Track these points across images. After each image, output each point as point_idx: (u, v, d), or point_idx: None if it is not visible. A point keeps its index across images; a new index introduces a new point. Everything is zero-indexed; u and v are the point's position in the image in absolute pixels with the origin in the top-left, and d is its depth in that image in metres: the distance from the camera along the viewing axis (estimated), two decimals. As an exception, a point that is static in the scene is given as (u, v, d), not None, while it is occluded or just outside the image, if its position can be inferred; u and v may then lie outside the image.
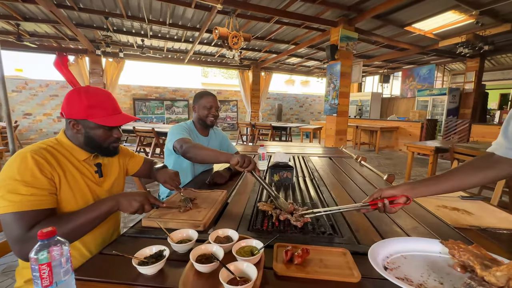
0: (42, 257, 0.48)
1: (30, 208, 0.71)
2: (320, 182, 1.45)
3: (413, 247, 0.74)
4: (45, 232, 0.49)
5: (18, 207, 0.69)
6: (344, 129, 5.00)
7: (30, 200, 0.71)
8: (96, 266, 0.66)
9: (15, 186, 0.71)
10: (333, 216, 0.97)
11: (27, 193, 0.71)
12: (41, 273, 0.47)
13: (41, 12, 4.31)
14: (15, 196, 0.70)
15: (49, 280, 0.48)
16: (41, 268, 0.47)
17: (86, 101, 0.83)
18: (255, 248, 0.68)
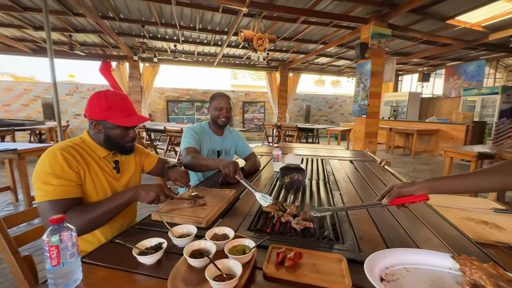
0: (54, 239, 0.55)
1: (60, 196, 0.81)
2: (333, 186, 1.40)
3: (419, 260, 0.68)
4: (55, 219, 0.56)
5: (51, 196, 0.80)
6: (374, 131, 4.73)
7: (60, 190, 0.82)
8: (104, 253, 0.73)
9: (48, 178, 0.82)
10: (339, 221, 0.94)
11: (58, 184, 0.82)
12: (50, 254, 0.54)
13: (89, 23, 4.83)
14: (48, 186, 0.81)
15: (57, 260, 0.55)
16: (50, 249, 0.54)
17: (105, 104, 0.93)
18: (247, 247, 0.69)
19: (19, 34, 5.35)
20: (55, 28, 5.00)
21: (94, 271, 0.65)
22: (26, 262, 0.87)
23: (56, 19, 4.56)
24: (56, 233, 0.56)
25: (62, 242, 0.56)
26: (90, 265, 0.67)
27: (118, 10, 4.29)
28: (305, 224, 0.85)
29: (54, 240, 0.55)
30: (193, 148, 1.50)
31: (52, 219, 0.56)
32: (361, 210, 1.06)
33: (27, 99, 7.22)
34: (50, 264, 0.55)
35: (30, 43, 5.98)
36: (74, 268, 0.58)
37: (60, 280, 0.56)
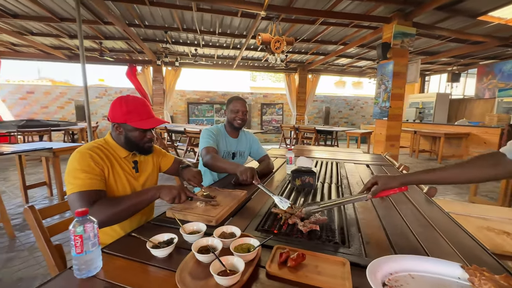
0: (79, 230, 0.62)
1: (87, 188, 0.90)
2: (346, 190, 1.38)
3: (426, 268, 0.67)
4: (80, 211, 0.63)
5: (79, 188, 0.90)
6: (396, 134, 4.54)
7: (87, 182, 0.91)
8: (122, 245, 0.80)
9: (77, 174, 0.92)
10: (347, 225, 0.94)
11: (85, 178, 0.92)
12: (75, 242, 0.61)
13: (117, 31, 5.15)
14: (77, 180, 0.91)
15: (80, 249, 0.62)
16: (75, 238, 0.61)
17: (125, 108, 1.01)
18: (252, 246, 0.72)
19: (57, 42, 5.84)
20: (87, 36, 5.40)
21: (113, 260, 0.72)
22: (56, 250, 0.97)
23: (88, 28, 4.93)
24: (80, 224, 0.63)
25: (85, 232, 0.62)
26: (109, 255, 0.74)
27: (144, 17, 4.54)
28: (311, 226, 0.86)
29: (79, 230, 0.62)
30: (212, 147, 1.56)
31: (77, 211, 0.63)
32: (371, 214, 1.05)
33: (62, 102, 7.83)
34: (75, 252, 0.61)
35: (66, 50, 6.49)
36: (95, 256, 0.65)
37: (83, 266, 0.63)
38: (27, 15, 4.31)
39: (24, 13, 4.23)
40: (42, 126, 5.03)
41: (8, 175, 4.35)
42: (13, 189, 3.57)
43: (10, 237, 2.24)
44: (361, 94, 12.66)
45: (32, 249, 2.07)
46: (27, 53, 6.63)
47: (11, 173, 4.41)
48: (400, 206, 1.16)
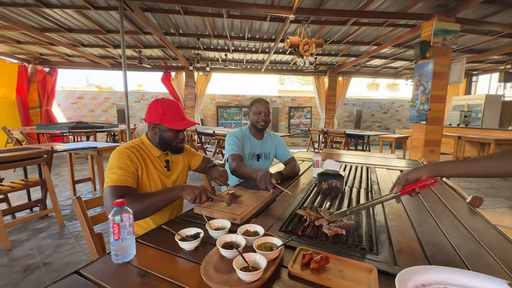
0: (117, 218, 0.69)
1: (121, 183, 0.99)
2: (376, 195, 1.32)
3: (465, 282, 0.61)
4: (119, 202, 0.69)
5: (113, 182, 0.98)
6: (436, 139, 4.19)
7: (121, 178, 0.99)
8: (153, 236, 0.86)
9: (114, 170, 1.01)
10: (376, 232, 0.89)
11: (121, 174, 1.00)
12: (113, 230, 0.67)
13: (155, 40, 5.54)
14: (113, 175, 1.00)
15: (118, 235, 0.68)
16: (113, 226, 0.67)
17: (161, 110, 1.09)
18: (275, 245, 0.72)
19: (103, 52, 6.47)
20: (129, 45, 5.89)
21: (145, 250, 0.77)
22: (98, 238, 1.07)
23: (130, 38, 5.38)
24: (118, 214, 0.69)
25: (122, 221, 0.69)
26: (142, 245, 0.80)
27: (178, 26, 4.82)
28: (337, 230, 0.83)
29: (117, 219, 0.68)
30: (237, 154, 1.62)
31: (116, 202, 0.69)
32: (403, 222, 0.99)
33: (106, 106, 8.61)
34: (112, 238, 0.68)
35: (110, 59, 7.15)
36: (130, 244, 0.71)
37: (119, 252, 0.69)
38: (80, 29, 4.85)
39: (77, 27, 4.77)
40: (88, 128, 5.58)
41: (60, 170, 4.90)
42: (64, 183, 4.01)
43: (60, 225, 2.51)
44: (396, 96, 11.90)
45: (78, 238, 2.30)
46: (78, 62, 7.44)
47: (63, 169, 4.96)
48: (438, 216, 1.07)
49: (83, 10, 3.96)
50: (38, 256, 2.02)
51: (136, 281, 0.63)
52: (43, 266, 1.88)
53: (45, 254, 2.05)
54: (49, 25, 4.65)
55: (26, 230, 2.45)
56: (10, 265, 1.90)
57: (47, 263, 1.92)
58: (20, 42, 5.58)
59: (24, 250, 2.11)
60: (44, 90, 7.24)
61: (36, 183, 2.51)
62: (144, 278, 0.64)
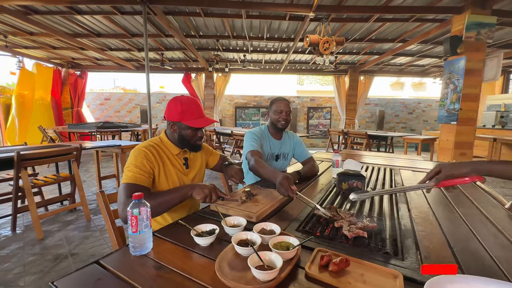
0: (135, 211, 0.70)
1: (134, 182, 0.99)
2: (401, 198, 1.24)
3: (506, 295, 0.55)
4: (137, 195, 0.71)
5: (128, 180, 0.99)
6: (468, 141, 3.90)
7: (136, 176, 1.00)
8: (170, 230, 0.87)
9: (131, 167, 1.03)
10: (402, 235, 0.83)
11: (136, 172, 1.01)
12: (131, 222, 0.69)
13: (176, 42, 5.71)
14: (129, 173, 1.01)
15: (135, 228, 0.69)
16: (131, 218, 0.69)
17: (180, 108, 1.11)
18: (292, 244, 0.70)
19: (128, 55, 6.79)
20: (152, 48, 6.12)
21: (162, 244, 0.78)
22: (118, 230, 1.11)
23: (153, 41, 5.59)
24: (136, 207, 0.70)
25: (140, 214, 0.70)
26: (159, 239, 0.81)
27: (198, 28, 4.93)
28: (358, 232, 0.79)
29: (135, 211, 0.69)
30: (256, 151, 1.53)
31: (134, 195, 0.70)
32: (432, 227, 0.91)
33: (131, 107, 9.02)
34: (131, 230, 0.69)
35: (135, 62, 7.49)
36: (147, 237, 0.72)
37: (137, 244, 0.70)
38: (107, 34, 5.13)
39: (105, 32, 5.05)
40: (114, 127, 5.88)
41: (88, 167, 5.20)
42: (92, 179, 4.24)
43: (87, 219, 2.66)
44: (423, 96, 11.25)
45: (103, 231, 2.42)
46: (106, 66, 7.87)
47: (91, 166, 5.25)
48: (472, 222, 0.98)
49: (110, 16, 4.18)
50: (66, 246, 2.15)
51: (152, 273, 0.63)
52: (71, 257, 2.00)
53: (73, 245, 2.17)
54: (80, 31, 4.96)
55: (56, 222, 2.62)
56: (42, 254, 2.03)
57: (74, 254, 2.03)
58: (55, 47, 6.01)
59: (54, 240, 2.25)
60: (75, 92, 7.74)
61: (66, 178, 2.68)
62: (160, 271, 0.64)
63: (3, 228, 2.48)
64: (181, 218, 0.97)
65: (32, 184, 2.38)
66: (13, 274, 1.79)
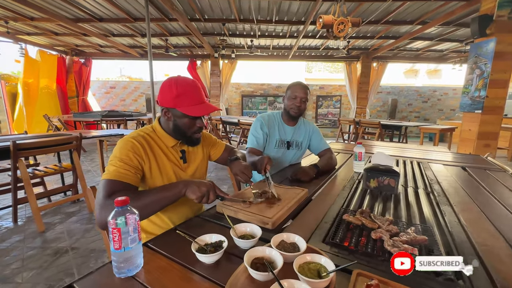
0: (119, 222, 0.53)
1: (117, 178, 0.80)
2: (442, 198, 1.04)
3: None
4: (119, 201, 0.54)
5: (109, 176, 0.80)
6: (494, 131, 3.61)
7: (120, 172, 0.81)
8: (166, 240, 0.71)
9: (115, 161, 0.83)
10: (458, 249, 0.65)
11: (120, 167, 0.82)
12: (113, 237, 0.52)
13: (180, 27, 5.46)
14: (112, 167, 0.82)
15: (119, 244, 0.53)
16: (113, 231, 0.52)
17: (175, 91, 0.89)
18: (324, 268, 0.53)
19: (131, 41, 6.57)
20: (155, 34, 5.88)
21: (155, 259, 0.62)
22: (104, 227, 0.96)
23: (156, 26, 5.35)
24: (120, 215, 0.54)
25: (125, 225, 0.53)
26: (152, 252, 0.65)
27: (203, 11, 4.66)
28: (407, 249, 0.61)
29: (119, 222, 0.53)
30: (253, 149, 1.51)
31: (117, 201, 0.54)
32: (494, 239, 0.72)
33: (136, 95, 8.88)
34: (113, 247, 0.53)
35: (139, 49, 7.27)
36: (135, 254, 0.56)
37: (122, 264, 0.54)
38: (109, 18, 4.91)
39: (107, 16, 4.83)
40: (119, 116, 5.76)
41: (94, 156, 5.14)
42: (97, 168, 4.17)
43: (90, 210, 2.56)
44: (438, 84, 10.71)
45: (105, 224, 2.32)
46: (110, 53, 7.69)
47: (97, 155, 5.19)
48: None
49: (111, -3, 3.95)
50: (67, 240, 2.06)
51: (139, 306, 0.48)
52: (71, 251, 1.90)
53: (73, 238, 2.07)
54: (81, 15, 4.76)
55: (59, 213, 2.54)
56: (42, 248, 1.95)
57: (74, 248, 1.94)
58: (58, 33, 5.85)
59: (56, 233, 2.16)
60: (80, 80, 7.62)
61: (67, 168, 2.57)
62: (149, 303, 0.48)
63: (5, 219, 2.41)
64: (181, 223, 0.81)
65: (31, 175, 2.28)
66: (11, 269, 1.70)
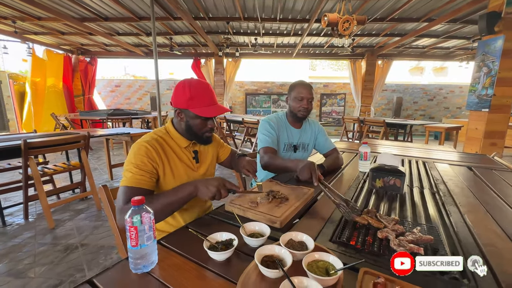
0: (135, 220, 0.56)
1: (135, 185, 0.84)
2: (447, 198, 1.05)
3: None
4: (136, 200, 0.56)
5: (127, 183, 0.84)
6: (502, 130, 3.58)
7: (137, 178, 0.85)
8: (179, 238, 0.74)
9: (130, 167, 0.87)
10: (465, 253, 0.67)
11: (136, 173, 0.86)
12: (131, 235, 0.55)
13: (185, 26, 5.48)
14: (129, 173, 0.86)
15: (135, 241, 0.55)
16: (130, 229, 0.55)
17: (188, 93, 0.93)
18: (332, 266, 0.54)
19: (136, 40, 6.61)
20: (160, 32, 5.91)
21: (169, 256, 0.65)
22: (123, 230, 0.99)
23: (161, 25, 5.37)
24: (137, 214, 0.56)
25: (141, 224, 0.56)
26: (166, 249, 0.68)
27: (208, 10, 4.67)
28: (413, 248, 0.62)
29: (135, 221, 0.56)
30: (270, 148, 1.42)
31: (133, 200, 0.56)
32: (499, 239, 0.74)
33: (141, 94, 8.96)
34: (130, 244, 0.56)
35: (144, 48, 7.31)
36: (150, 251, 0.58)
37: (138, 261, 0.57)
38: (115, 17, 4.95)
39: (112, 15, 4.87)
40: (124, 115, 5.82)
41: (100, 155, 5.21)
42: (103, 167, 4.23)
43: (98, 208, 2.61)
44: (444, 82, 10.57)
45: (113, 221, 2.36)
46: (115, 52, 7.75)
47: (103, 153, 5.26)
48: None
49: (116, -3, 3.99)
50: (77, 236, 2.11)
51: (156, 300, 0.50)
52: (81, 247, 1.95)
53: (83, 235, 2.13)
54: (87, 15, 4.80)
55: (68, 210, 2.59)
56: (53, 244, 2.00)
57: (84, 245, 1.98)
58: (64, 33, 5.91)
59: (66, 229, 2.21)
60: (86, 79, 7.71)
61: (76, 166, 2.62)
62: (166, 298, 0.51)
63: (16, 216, 2.47)
64: (192, 221, 0.83)
65: (41, 173, 2.34)
66: (24, 264, 1.76)
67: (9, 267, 1.72)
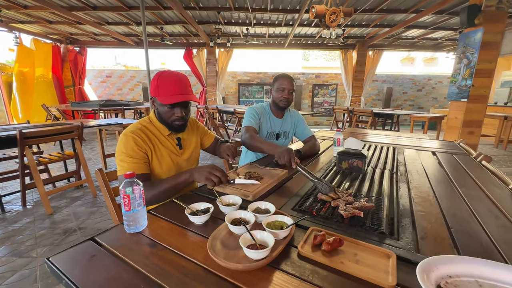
0: (128, 190, 0.69)
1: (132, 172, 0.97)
2: (402, 177, 1.21)
3: (503, 277, 0.53)
4: (128, 174, 0.69)
5: (125, 171, 0.96)
6: (478, 119, 3.78)
7: (132, 166, 0.98)
8: (165, 208, 0.87)
9: (123, 157, 1.00)
10: (399, 215, 0.82)
11: (130, 162, 0.99)
12: (124, 201, 0.68)
13: (176, 15, 5.45)
14: (123, 163, 0.99)
15: (128, 207, 0.69)
16: (124, 197, 0.68)
17: (156, 82, 1.03)
18: (286, 224, 0.69)
19: (127, 30, 6.53)
20: (150, 22, 5.86)
21: (157, 221, 0.79)
22: (119, 208, 1.12)
23: (151, 14, 5.33)
24: (129, 186, 0.69)
25: (132, 193, 0.69)
26: (154, 217, 0.82)
27: (198, -1, 4.66)
28: (354, 212, 0.78)
29: (128, 190, 0.69)
30: (252, 127, 1.54)
31: (126, 174, 0.69)
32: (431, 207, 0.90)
33: (132, 84, 8.89)
34: (124, 209, 0.69)
35: (134, 37, 7.23)
36: (140, 215, 0.72)
37: (131, 223, 0.70)
38: (103, 6, 4.89)
39: (101, 4, 4.81)
40: (116, 106, 5.84)
41: (94, 145, 5.27)
42: (97, 157, 4.31)
43: (93, 195, 2.73)
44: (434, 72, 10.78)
45: (108, 207, 2.49)
46: (105, 41, 7.64)
47: (96, 144, 5.32)
48: (473, 202, 0.96)
49: (105, -14, 3.95)
50: (74, 221, 2.23)
51: (146, 250, 0.64)
52: (79, 230, 2.08)
53: (80, 220, 2.25)
54: (75, 3, 4.74)
55: (64, 198, 2.71)
56: (52, 228, 2.12)
57: (82, 228, 2.12)
58: (51, 22, 5.81)
59: (63, 215, 2.33)
60: (76, 69, 7.61)
61: (70, 156, 2.71)
62: (153, 249, 0.65)
63: (14, 203, 2.57)
64: (177, 196, 0.97)
65: (37, 162, 2.43)
66: (26, 246, 1.88)
67: (12, 248, 1.84)
